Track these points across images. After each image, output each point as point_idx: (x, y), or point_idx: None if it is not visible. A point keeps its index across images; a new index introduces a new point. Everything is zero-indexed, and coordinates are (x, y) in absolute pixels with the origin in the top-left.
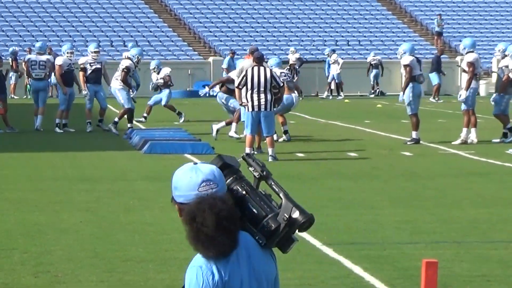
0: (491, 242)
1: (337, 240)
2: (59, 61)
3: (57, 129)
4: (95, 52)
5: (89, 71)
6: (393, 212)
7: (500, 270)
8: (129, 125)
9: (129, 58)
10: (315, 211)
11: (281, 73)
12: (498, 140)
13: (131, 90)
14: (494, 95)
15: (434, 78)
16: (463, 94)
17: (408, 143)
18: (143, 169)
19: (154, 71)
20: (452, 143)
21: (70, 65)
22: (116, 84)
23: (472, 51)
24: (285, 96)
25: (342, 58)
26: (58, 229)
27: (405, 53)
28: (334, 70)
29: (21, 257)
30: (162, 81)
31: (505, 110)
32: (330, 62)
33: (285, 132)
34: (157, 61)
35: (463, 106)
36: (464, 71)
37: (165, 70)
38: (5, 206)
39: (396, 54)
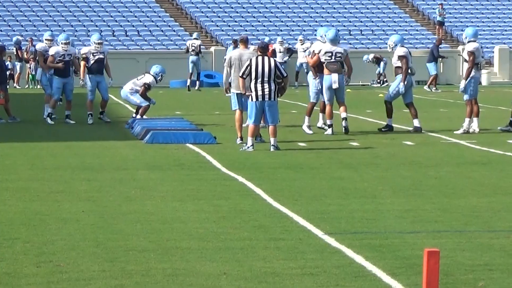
0: (493, 231)
1: (339, 229)
2: (52, 50)
3: (49, 120)
4: (98, 43)
5: (91, 62)
6: (395, 201)
7: (502, 259)
8: (135, 115)
9: (152, 75)
10: (317, 200)
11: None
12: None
13: (151, 101)
14: None
15: (431, 68)
16: (462, 83)
17: (411, 131)
18: (145, 159)
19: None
20: (454, 132)
21: (64, 55)
22: (127, 89)
23: (474, 41)
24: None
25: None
26: (60, 218)
27: (396, 45)
28: (303, 58)
29: (23, 247)
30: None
31: None
32: (300, 50)
33: (330, 125)
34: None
35: (465, 97)
36: (465, 60)
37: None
38: (7, 195)
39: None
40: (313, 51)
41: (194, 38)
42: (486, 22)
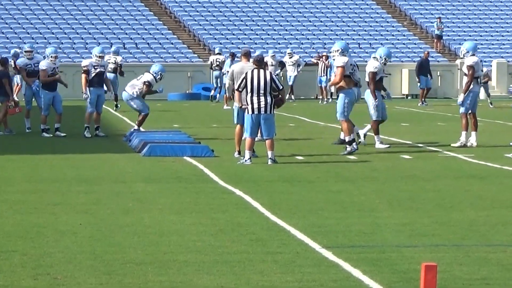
0: (490, 245)
1: (336, 243)
2: (42, 65)
3: (45, 134)
4: (100, 56)
5: (92, 74)
6: (392, 215)
7: (500, 273)
8: (136, 128)
9: (151, 74)
10: (314, 213)
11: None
12: None
13: (158, 91)
14: None
15: (421, 81)
16: (460, 97)
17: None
18: (143, 171)
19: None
20: (452, 145)
21: (54, 69)
22: (130, 91)
23: (473, 55)
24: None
25: (304, 61)
26: (57, 231)
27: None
28: (291, 71)
29: (21, 259)
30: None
31: None
32: (288, 64)
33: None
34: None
35: (461, 109)
36: (465, 74)
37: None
38: (4, 208)
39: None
40: (370, 71)
41: (217, 53)
42: (484, 36)
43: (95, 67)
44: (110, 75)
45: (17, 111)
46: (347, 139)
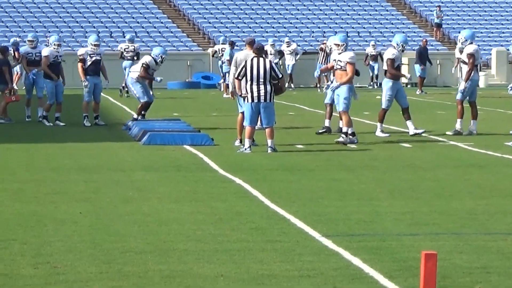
0: (490, 234)
1: (336, 231)
2: (45, 52)
3: (46, 122)
4: (95, 45)
5: (88, 63)
6: (392, 204)
7: (499, 261)
8: (135, 116)
9: (152, 57)
10: (314, 202)
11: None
12: None
13: (155, 80)
14: None
15: (418, 70)
16: (462, 85)
17: (320, 131)
18: (142, 160)
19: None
20: (447, 132)
21: (57, 57)
22: (133, 75)
23: (471, 43)
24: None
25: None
26: (57, 220)
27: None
28: (290, 60)
29: (20, 248)
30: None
31: None
32: (286, 53)
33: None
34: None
35: (457, 96)
36: (464, 62)
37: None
38: (4, 196)
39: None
40: (388, 58)
41: (223, 43)
42: (484, 24)
43: (91, 55)
44: (127, 63)
45: (13, 99)
46: (349, 131)
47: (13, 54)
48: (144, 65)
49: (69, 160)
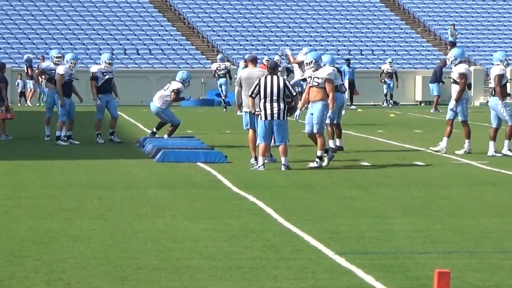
0: (503, 252)
1: (349, 249)
2: (60, 70)
3: (61, 142)
4: (109, 63)
5: (101, 81)
6: (405, 221)
7: None
8: (154, 130)
9: (179, 81)
10: (328, 220)
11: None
12: None
13: (186, 98)
14: None
15: (434, 89)
16: (451, 104)
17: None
18: (156, 177)
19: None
20: (456, 152)
21: (71, 75)
22: (158, 104)
23: (461, 62)
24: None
25: (353, 67)
26: (71, 236)
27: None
28: (299, 75)
29: (34, 265)
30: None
31: None
32: (296, 68)
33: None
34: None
35: (460, 118)
36: (455, 82)
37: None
38: (18, 213)
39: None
40: (497, 74)
41: (220, 60)
42: (498, 43)
43: (104, 73)
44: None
45: (9, 117)
46: (318, 153)
47: (26, 71)
48: (175, 91)
49: (83, 177)
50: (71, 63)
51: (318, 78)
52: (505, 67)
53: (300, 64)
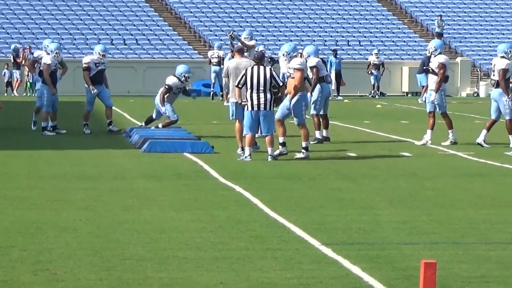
0: (490, 243)
1: (335, 240)
2: (47, 60)
3: (47, 132)
4: (102, 54)
5: (93, 72)
6: (392, 212)
7: (499, 271)
8: (142, 125)
9: (175, 76)
10: (314, 210)
11: (317, 62)
12: None
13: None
14: None
15: (422, 79)
16: (433, 95)
17: (312, 142)
18: (143, 168)
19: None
20: (442, 143)
21: (56, 64)
22: (158, 98)
23: (441, 53)
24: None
25: (341, 58)
26: (57, 227)
27: (309, 55)
28: (285, 68)
29: (20, 255)
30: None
31: None
32: (282, 60)
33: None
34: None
35: (441, 110)
36: (434, 72)
37: None
38: (4, 204)
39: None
40: (501, 68)
41: (218, 48)
42: (485, 34)
43: (97, 64)
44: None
45: None
46: (280, 140)
47: (12, 61)
48: (166, 86)
49: (70, 168)
50: (55, 53)
51: (290, 69)
52: (510, 60)
53: (251, 48)
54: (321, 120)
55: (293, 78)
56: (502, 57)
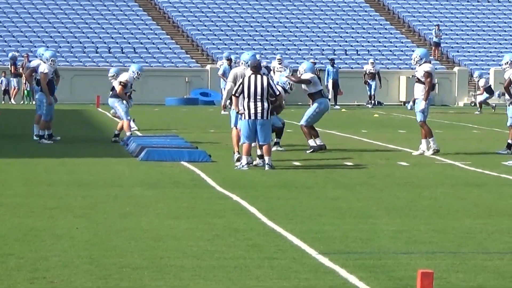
0: (487, 253)
1: (332, 249)
2: (43, 68)
3: (45, 141)
4: (139, 75)
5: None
6: (389, 222)
7: (496, 281)
8: (129, 134)
9: (129, 73)
10: (311, 219)
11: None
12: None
13: (128, 103)
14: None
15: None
16: (422, 104)
17: (308, 152)
18: (140, 176)
19: (114, 78)
20: (413, 153)
21: (53, 73)
22: (112, 99)
23: (426, 62)
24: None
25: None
26: (54, 235)
27: (305, 71)
28: (278, 77)
29: (17, 263)
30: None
31: None
32: (277, 69)
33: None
34: (116, 68)
35: (419, 118)
36: (419, 81)
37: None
38: (1, 211)
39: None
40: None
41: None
42: (482, 44)
43: (132, 84)
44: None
45: None
46: (236, 154)
47: (10, 69)
48: (121, 84)
49: (67, 175)
50: (51, 61)
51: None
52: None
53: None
54: (309, 130)
55: None
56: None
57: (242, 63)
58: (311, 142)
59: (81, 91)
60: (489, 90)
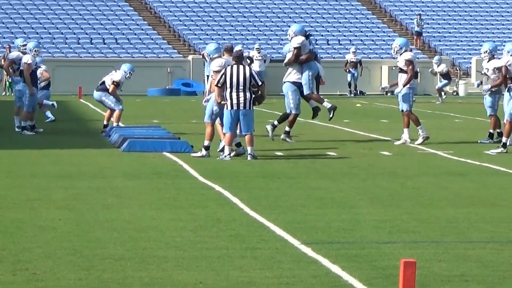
0: (469, 242)
1: (315, 239)
2: (27, 59)
3: (27, 132)
4: (131, 74)
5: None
6: (372, 211)
7: (479, 270)
8: (115, 124)
9: (122, 72)
10: (294, 209)
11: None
12: (486, 141)
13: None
14: (489, 97)
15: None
16: (399, 88)
17: (329, 108)
18: (122, 167)
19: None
20: (395, 143)
21: (36, 64)
22: (101, 90)
23: (406, 50)
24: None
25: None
26: (37, 226)
27: (295, 35)
28: (259, 67)
29: None
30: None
31: (497, 111)
32: (256, 58)
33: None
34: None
35: (405, 107)
36: (402, 70)
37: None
38: None
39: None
40: (504, 66)
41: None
42: (464, 33)
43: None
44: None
45: None
46: (205, 143)
47: None
48: (114, 83)
49: (50, 167)
50: (34, 51)
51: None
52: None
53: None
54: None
55: (214, 79)
56: (509, 53)
57: (206, 55)
58: (326, 104)
59: (63, 82)
60: (446, 76)
